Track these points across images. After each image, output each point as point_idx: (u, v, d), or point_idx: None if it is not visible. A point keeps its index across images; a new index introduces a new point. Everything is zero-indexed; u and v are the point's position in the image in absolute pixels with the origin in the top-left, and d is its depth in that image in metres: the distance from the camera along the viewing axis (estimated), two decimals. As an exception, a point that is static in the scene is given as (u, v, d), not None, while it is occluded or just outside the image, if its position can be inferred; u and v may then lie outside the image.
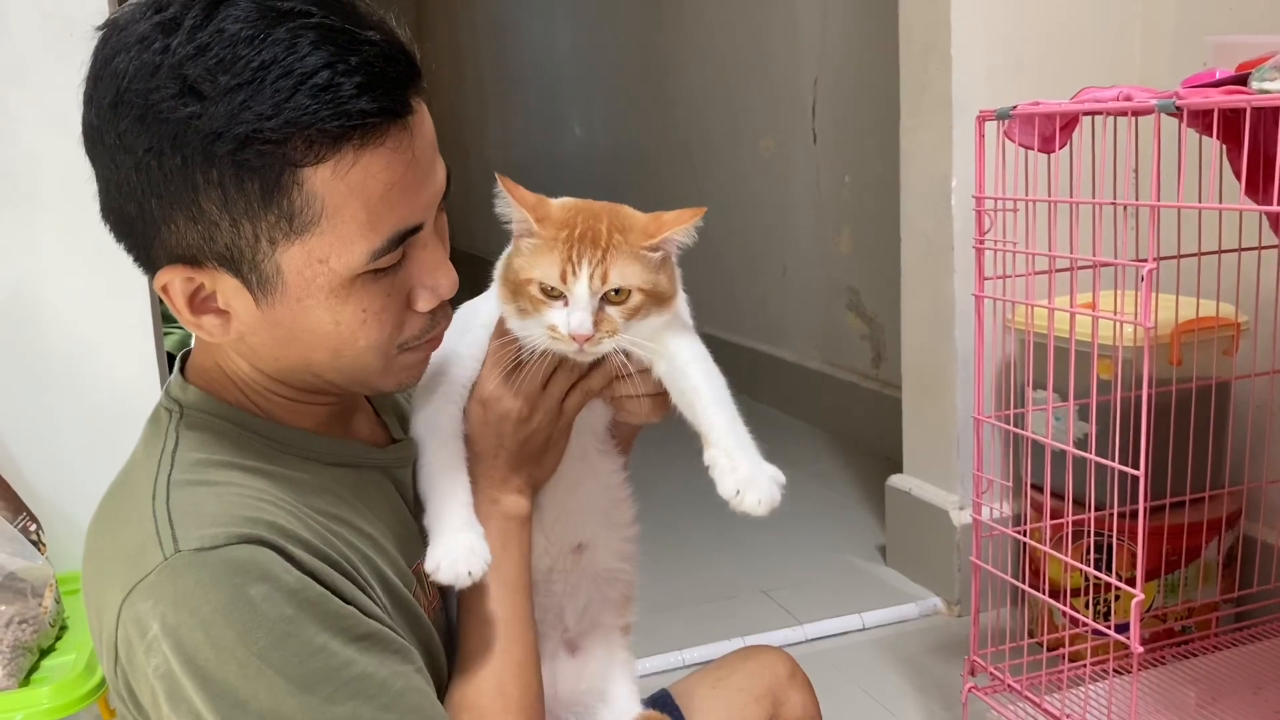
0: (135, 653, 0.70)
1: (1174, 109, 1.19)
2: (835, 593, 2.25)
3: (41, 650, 1.43)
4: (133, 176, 0.69)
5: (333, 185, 0.68)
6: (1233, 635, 1.75)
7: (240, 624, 0.68)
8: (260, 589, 0.69)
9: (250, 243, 0.70)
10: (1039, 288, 1.51)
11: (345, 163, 0.68)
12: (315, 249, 0.70)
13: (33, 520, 1.58)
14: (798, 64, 3.31)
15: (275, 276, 0.71)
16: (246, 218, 0.69)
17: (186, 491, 0.73)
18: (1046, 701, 1.50)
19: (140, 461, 0.78)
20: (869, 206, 3.07)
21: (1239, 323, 1.73)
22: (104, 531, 0.77)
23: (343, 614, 0.72)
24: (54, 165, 1.63)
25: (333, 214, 0.69)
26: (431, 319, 0.78)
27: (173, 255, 0.72)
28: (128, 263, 1.90)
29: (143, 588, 0.69)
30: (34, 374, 1.66)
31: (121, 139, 0.68)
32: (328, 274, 0.71)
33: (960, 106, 1.98)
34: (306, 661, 0.70)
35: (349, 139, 0.67)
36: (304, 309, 0.72)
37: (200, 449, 0.76)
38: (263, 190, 0.68)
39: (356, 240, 0.70)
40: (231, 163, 0.67)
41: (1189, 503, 1.75)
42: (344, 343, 0.75)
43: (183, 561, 0.69)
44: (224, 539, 0.69)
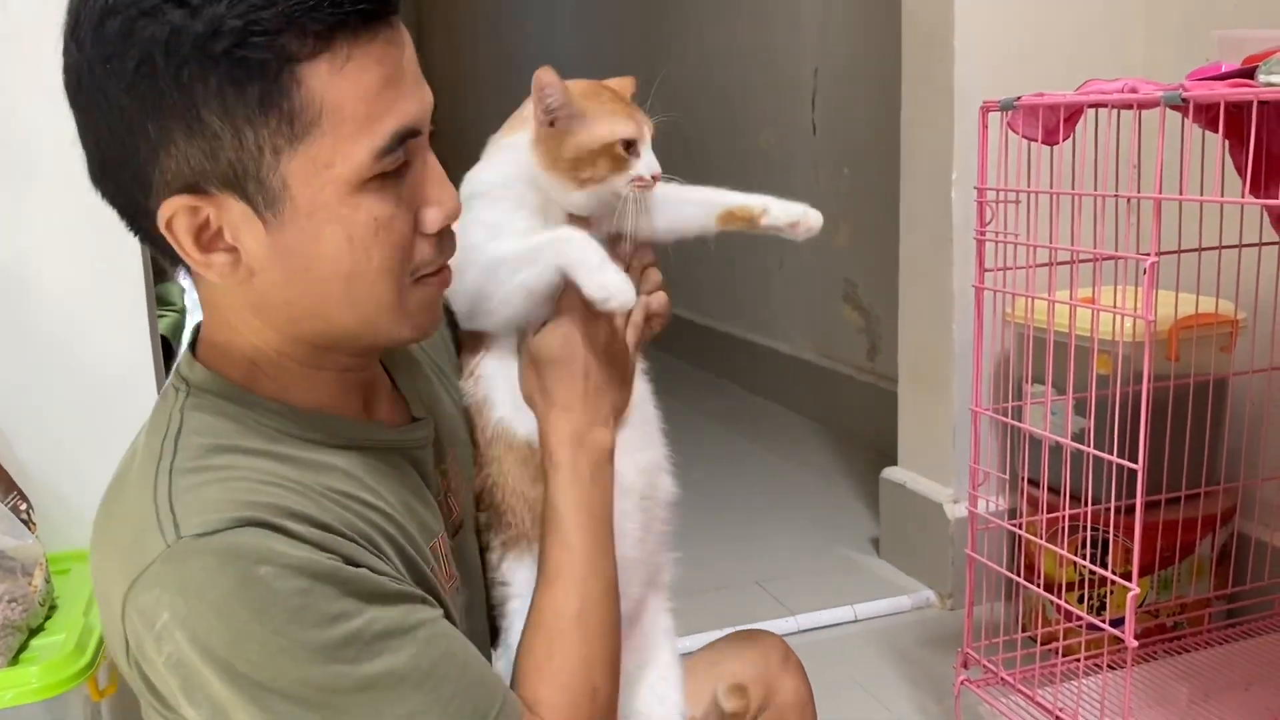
0: (145, 644, 0.69)
1: (1179, 101, 1.18)
2: (828, 584, 2.25)
3: (31, 630, 1.42)
4: (124, 103, 0.66)
5: (330, 81, 0.67)
6: (1225, 632, 1.75)
7: (255, 603, 0.66)
8: (267, 569, 0.67)
9: (254, 155, 0.67)
10: (1039, 281, 1.50)
11: (340, 57, 0.67)
12: (319, 154, 0.68)
13: (23, 499, 1.57)
14: (798, 54, 3.30)
15: (282, 192, 0.69)
16: (249, 124, 0.66)
17: (188, 478, 0.71)
18: (1039, 695, 1.50)
19: (143, 446, 0.75)
20: (867, 199, 3.07)
21: (1237, 319, 1.73)
22: (107, 521, 0.75)
23: (356, 578, 0.71)
24: (49, 142, 1.62)
25: (333, 112, 0.67)
26: (439, 245, 0.77)
27: (173, 185, 0.68)
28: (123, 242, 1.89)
29: (146, 578, 0.68)
30: (26, 353, 1.65)
31: (109, 64, 0.66)
32: (334, 180, 0.69)
33: (963, 98, 1.97)
34: (327, 629, 0.68)
35: (342, 30, 0.67)
36: (315, 226, 0.70)
37: (204, 432, 0.74)
38: (262, 93, 0.66)
39: (359, 138, 0.68)
40: (229, 63, 0.65)
41: (1184, 499, 1.75)
42: (358, 264, 0.72)
43: (185, 548, 0.67)
44: (225, 523, 0.68)
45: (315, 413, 0.79)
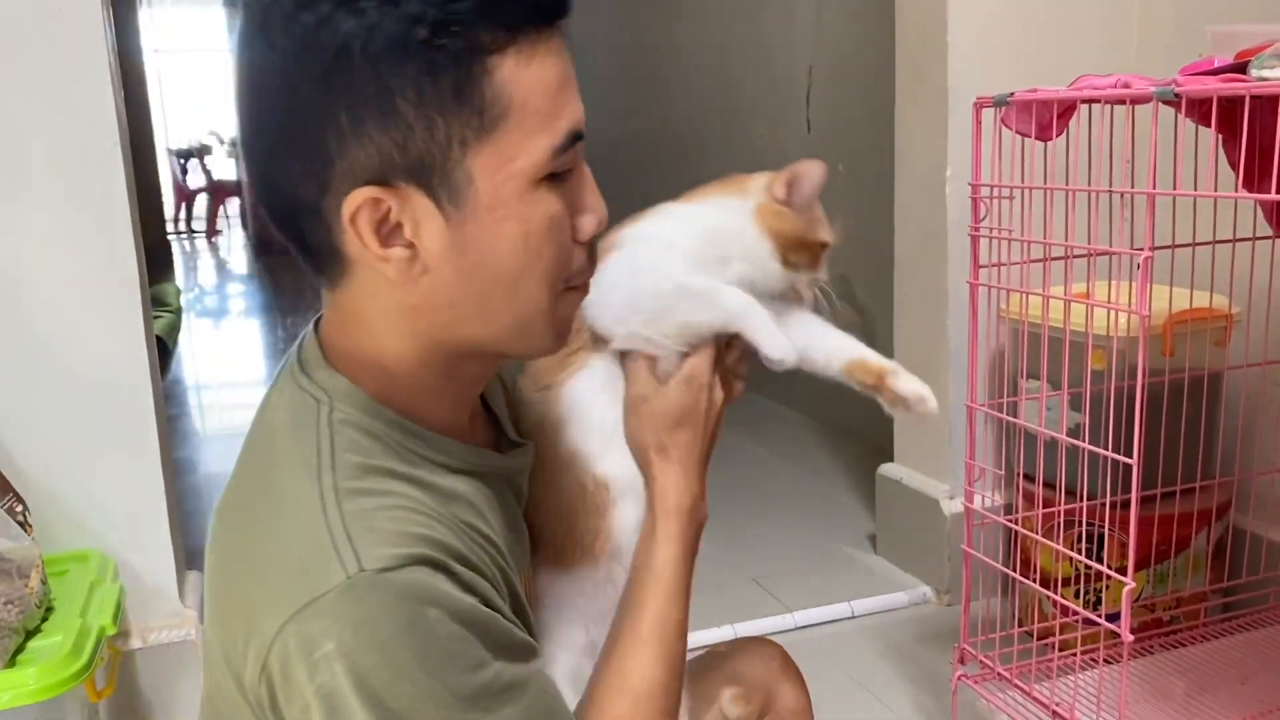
0: (294, 669, 0.67)
1: (1172, 96, 1.18)
2: (825, 581, 2.25)
3: (28, 631, 1.42)
4: (316, 94, 0.67)
5: (516, 75, 0.68)
6: (1221, 626, 1.75)
7: (417, 647, 0.66)
8: (435, 611, 0.67)
9: (442, 147, 0.68)
10: (1033, 277, 1.51)
11: (525, 53, 0.69)
12: (503, 148, 0.69)
13: (19, 501, 1.56)
14: (793, 52, 3.30)
15: (466, 186, 0.69)
16: (441, 115, 0.67)
17: (356, 502, 0.69)
18: (1036, 690, 1.50)
19: (292, 455, 0.73)
20: (862, 196, 3.06)
21: (1231, 314, 1.73)
22: (260, 533, 0.72)
23: (493, 623, 0.71)
24: (41, 142, 1.62)
25: (518, 107, 0.69)
26: (589, 254, 0.77)
27: (360, 177, 0.68)
28: (117, 244, 1.88)
29: (318, 606, 0.66)
30: (21, 355, 1.65)
31: (303, 56, 0.66)
32: (516, 175, 0.70)
33: (956, 94, 1.97)
34: (470, 676, 0.68)
35: (528, 26, 0.69)
36: (494, 221, 0.70)
37: (356, 451, 0.72)
38: (456, 84, 0.67)
39: (540, 134, 0.70)
40: (426, 52, 0.66)
41: (1179, 493, 1.75)
42: (529, 263, 0.72)
43: (366, 583, 0.66)
44: (403, 560, 0.67)
45: (440, 434, 0.78)
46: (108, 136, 1.64)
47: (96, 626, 1.46)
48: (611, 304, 0.90)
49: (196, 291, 7.14)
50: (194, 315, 6.19)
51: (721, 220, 0.96)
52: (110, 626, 1.49)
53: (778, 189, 0.96)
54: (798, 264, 0.97)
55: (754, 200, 0.97)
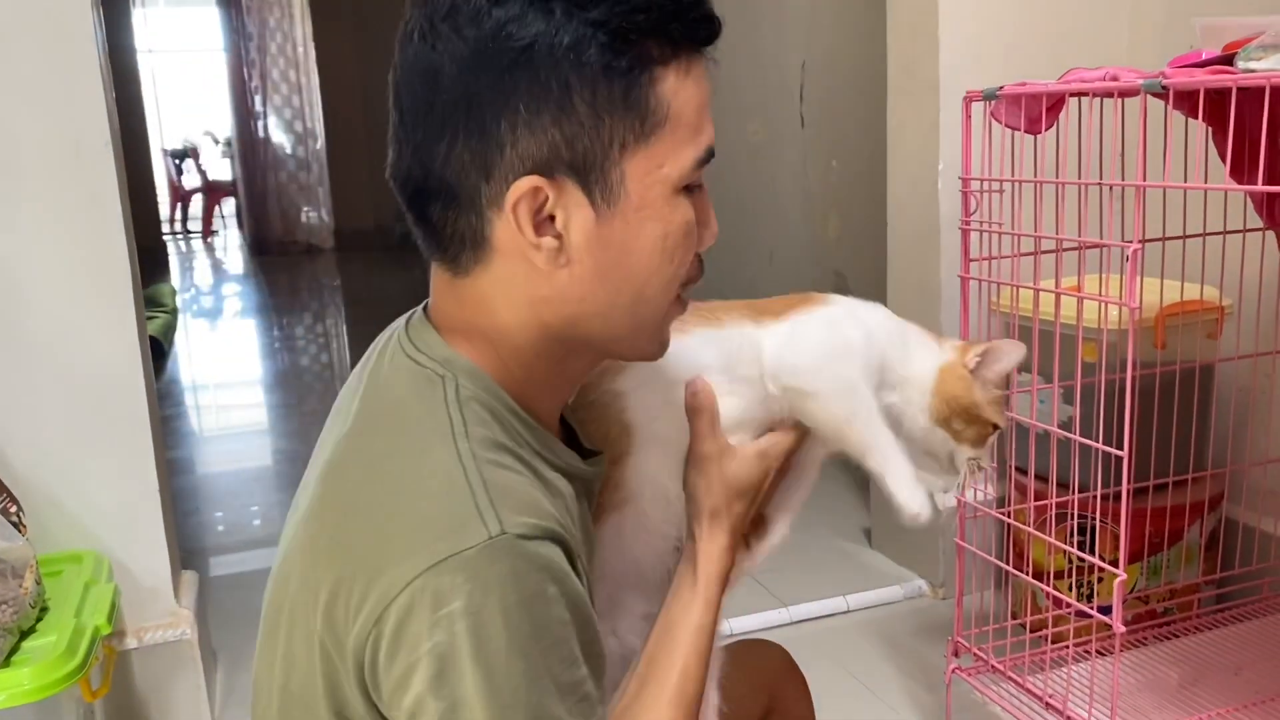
0: (414, 622, 0.67)
1: (1160, 89, 1.18)
2: (821, 575, 2.26)
3: (22, 632, 1.42)
4: (500, 83, 0.70)
5: (675, 88, 0.73)
6: (1214, 617, 1.76)
7: (536, 620, 0.68)
8: (554, 589, 0.69)
9: (605, 146, 0.72)
10: (1025, 270, 1.51)
11: (681, 70, 0.74)
12: (655, 154, 0.73)
13: (13, 501, 1.56)
14: (786, 48, 3.30)
15: (619, 185, 0.73)
16: (609, 116, 0.71)
17: (494, 470, 0.71)
18: (1029, 682, 1.50)
19: (419, 416, 0.74)
20: (856, 191, 3.07)
21: (1223, 306, 1.73)
22: (393, 488, 0.72)
23: (593, 633, 0.73)
24: (32, 143, 1.62)
25: (674, 117, 0.74)
26: (700, 267, 0.81)
27: (525, 166, 0.72)
28: (111, 245, 1.88)
29: (458, 561, 0.67)
30: (14, 356, 1.65)
31: (490, 45, 0.70)
32: (663, 180, 0.74)
33: (947, 89, 1.98)
34: (568, 670, 0.69)
35: (689, 44, 0.74)
36: (639, 220, 0.74)
37: (485, 426, 0.74)
38: (626, 89, 0.71)
39: (688, 145, 0.75)
40: (607, 55, 0.70)
41: (1172, 485, 1.76)
42: (663, 264, 0.76)
43: (506, 544, 0.67)
44: (539, 532, 0.69)
45: (544, 429, 0.80)
46: (98, 136, 1.64)
47: (91, 626, 1.47)
48: (794, 354, 0.92)
49: (192, 292, 7.13)
50: (190, 315, 6.18)
51: (912, 362, 0.96)
52: (105, 626, 1.49)
53: (970, 357, 0.96)
54: (960, 434, 0.96)
55: (943, 356, 0.97)
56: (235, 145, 8.60)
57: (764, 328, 0.94)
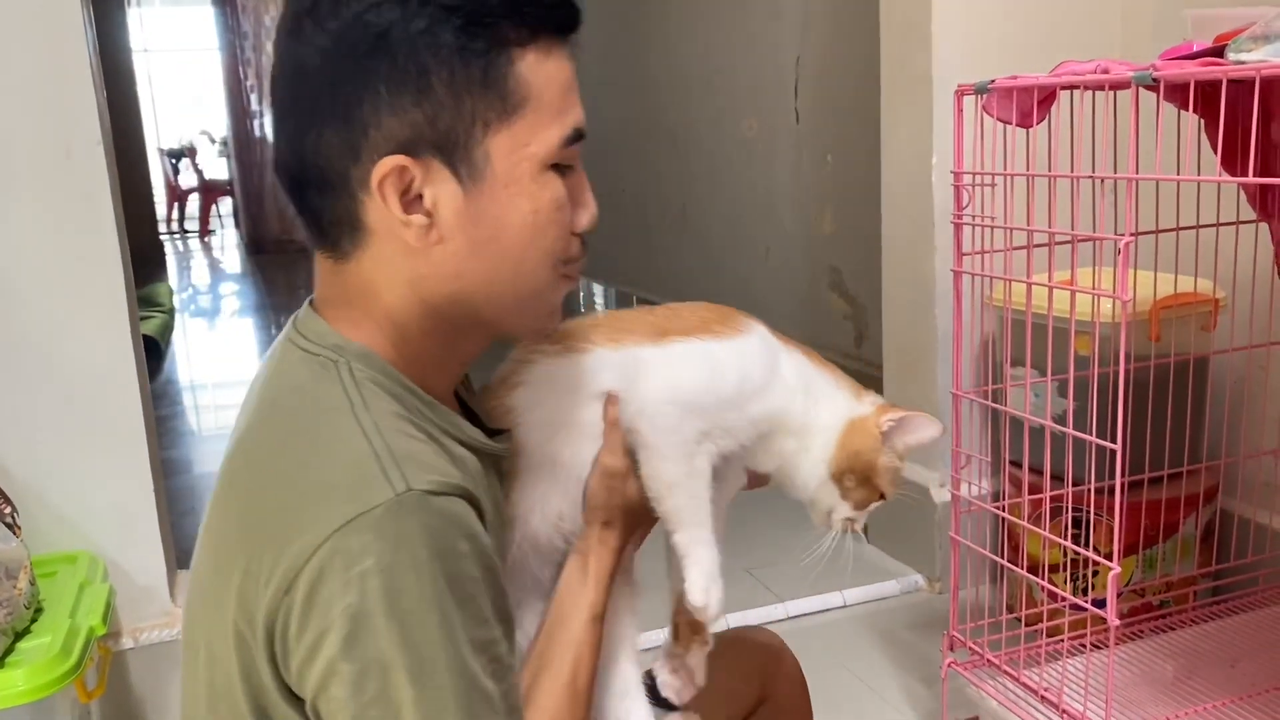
0: (326, 585, 0.68)
1: (1150, 81, 1.18)
2: (816, 570, 2.25)
3: (17, 633, 1.42)
4: (358, 70, 0.74)
5: (536, 70, 0.76)
6: (1210, 609, 1.76)
7: (449, 574, 0.69)
8: (465, 545, 0.71)
9: (467, 125, 0.75)
10: (1018, 264, 1.51)
11: (543, 51, 0.77)
12: (519, 133, 0.76)
13: (7, 503, 1.56)
14: (780, 43, 3.30)
15: (484, 163, 0.76)
16: (469, 96, 0.74)
17: (397, 437, 0.73)
18: (1025, 675, 1.50)
19: (315, 398, 0.76)
20: (851, 186, 3.07)
21: (1217, 298, 1.73)
22: (297, 463, 0.74)
23: (503, 589, 0.74)
24: (23, 143, 1.61)
25: (535, 98, 0.76)
26: (580, 245, 0.83)
27: (389, 146, 0.74)
28: (103, 244, 1.88)
29: (366, 520, 0.68)
30: (8, 356, 1.65)
31: (347, 35, 0.73)
32: (529, 158, 0.77)
33: (941, 83, 1.97)
34: (479, 628, 0.71)
35: (547, 27, 0.77)
36: (508, 196, 0.77)
37: (383, 402, 0.76)
38: (484, 70, 0.75)
39: (552, 125, 0.77)
40: (460, 36, 0.73)
41: (1167, 478, 1.76)
42: (535, 240, 0.78)
43: (413, 500, 0.69)
44: (448, 488, 0.71)
45: (445, 409, 0.81)
46: (90, 136, 1.64)
47: (86, 627, 1.46)
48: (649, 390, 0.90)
49: (189, 291, 7.13)
50: (187, 315, 6.18)
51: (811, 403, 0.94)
52: (100, 627, 1.49)
53: (886, 419, 0.93)
54: (848, 492, 0.94)
55: (858, 409, 0.94)
56: (231, 144, 8.60)
57: (659, 348, 0.91)
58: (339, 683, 0.68)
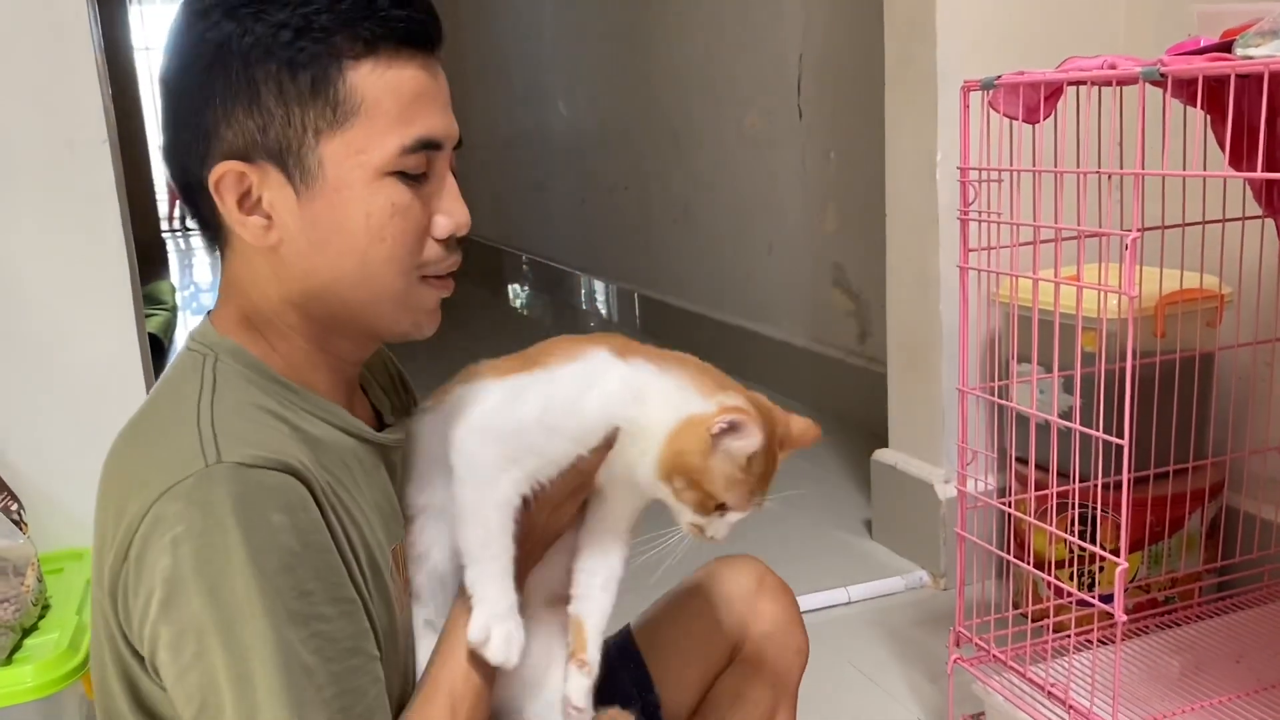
0: (148, 552, 0.73)
1: (1158, 76, 1.18)
2: (821, 567, 2.26)
3: (24, 629, 1.42)
4: (202, 80, 0.80)
5: (371, 81, 0.80)
6: (1216, 605, 1.76)
7: (256, 544, 0.72)
8: (281, 518, 0.74)
9: (298, 133, 0.80)
10: (1024, 260, 1.51)
11: (381, 64, 0.80)
12: (353, 140, 0.80)
13: (14, 499, 1.57)
14: (783, 39, 3.29)
15: (317, 169, 0.80)
16: (298, 106, 0.79)
17: (231, 418, 0.78)
18: (1032, 671, 1.50)
19: (177, 387, 0.82)
20: (854, 182, 3.07)
21: (1223, 294, 1.73)
22: (139, 442, 0.81)
23: (335, 569, 0.77)
24: (28, 141, 1.61)
25: (370, 108, 0.80)
26: (446, 250, 0.86)
27: (227, 153, 0.80)
28: (108, 241, 1.88)
29: (178, 490, 0.73)
30: (13, 353, 1.65)
31: (196, 50, 0.80)
32: (363, 164, 0.80)
33: (945, 79, 1.97)
34: (297, 601, 0.73)
35: (386, 41, 0.80)
36: (341, 201, 0.81)
37: (236, 390, 0.82)
38: (313, 82, 0.79)
39: (389, 133, 0.81)
40: (288, 52, 0.78)
41: (1172, 474, 1.75)
42: (374, 240, 0.82)
43: (222, 471, 0.74)
44: (264, 462, 0.75)
45: (319, 396, 0.86)
46: (95, 133, 1.64)
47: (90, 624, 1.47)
48: (459, 420, 0.91)
49: (191, 289, 7.12)
50: (189, 313, 6.18)
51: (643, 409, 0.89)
52: (107, 623, 1.49)
53: (719, 420, 0.86)
54: (679, 493, 0.89)
55: (701, 407, 0.88)
56: (233, 142, 8.57)
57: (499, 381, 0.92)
58: (162, 645, 0.73)
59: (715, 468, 0.87)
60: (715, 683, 1.11)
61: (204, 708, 0.72)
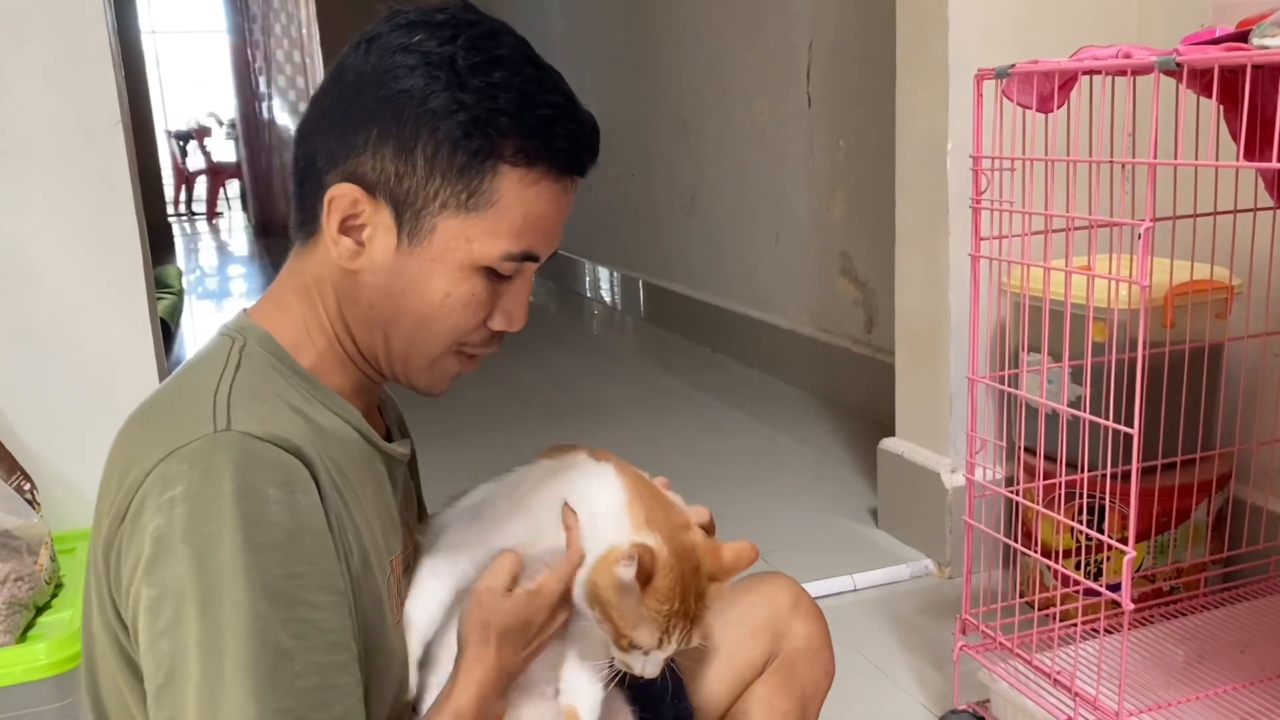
0: (145, 509, 0.74)
1: (1174, 66, 1.18)
2: (827, 555, 2.27)
3: (38, 607, 1.44)
4: (371, 107, 0.82)
5: (514, 188, 0.83)
6: (1221, 595, 1.76)
7: (248, 513, 0.73)
8: (279, 493, 0.74)
9: (428, 197, 0.83)
10: (1035, 250, 1.51)
11: (532, 178, 0.84)
12: (471, 228, 0.83)
13: (27, 479, 1.58)
14: (792, 27, 3.29)
15: (427, 233, 0.84)
16: (440, 176, 0.82)
17: (248, 397, 0.79)
18: (1037, 659, 1.51)
19: (200, 367, 0.84)
20: (862, 171, 3.06)
21: (1232, 286, 1.73)
22: (155, 408, 0.83)
23: (329, 557, 0.77)
24: (42, 123, 1.62)
25: (501, 211, 0.83)
26: (490, 339, 0.90)
27: (354, 175, 0.83)
28: (121, 224, 1.89)
29: (184, 452, 0.74)
30: (27, 336, 1.66)
31: (381, 78, 0.82)
32: (467, 252, 0.84)
33: (957, 67, 1.97)
34: (282, 580, 0.73)
35: (544, 162, 0.84)
36: (432, 270, 0.84)
37: (258, 375, 0.83)
38: (466, 163, 0.82)
39: (503, 238, 0.84)
40: (460, 131, 0.81)
41: (1179, 465, 1.76)
42: (440, 314, 0.85)
43: (229, 437, 0.75)
44: (273, 438, 0.76)
45: (339, 396, 0.89)
46: (109, 115, 1.64)
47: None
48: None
49: (197, 274, 7.13)
50: (195, 297, 6.19)
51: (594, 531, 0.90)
52: (119, 603, 1.50)
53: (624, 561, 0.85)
54: (599, 621, 0.89)
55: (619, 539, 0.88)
56: (239, 127, 8.58)
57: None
58: (142, 608, 0.73)
59: (623, 603, 0.87)
60: (745, 692, 1.13)
61: (171, 676, 0.71)
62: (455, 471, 1.13)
